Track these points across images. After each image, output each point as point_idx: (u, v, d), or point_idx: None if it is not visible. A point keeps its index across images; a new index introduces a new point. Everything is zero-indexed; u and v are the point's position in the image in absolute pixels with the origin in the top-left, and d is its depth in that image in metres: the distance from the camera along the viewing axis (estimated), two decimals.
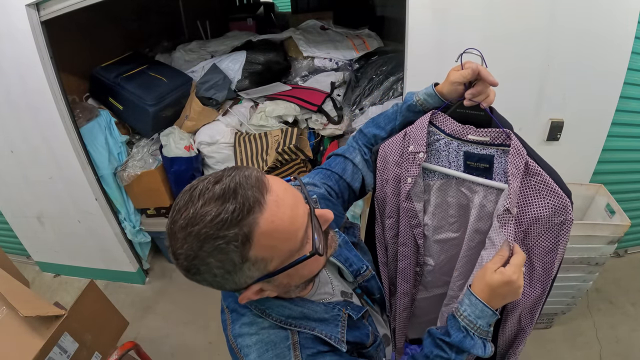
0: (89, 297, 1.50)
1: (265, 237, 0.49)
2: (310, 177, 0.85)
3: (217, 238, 0.48)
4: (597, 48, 1.48)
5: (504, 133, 0.74)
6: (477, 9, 1.45)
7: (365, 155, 0.90)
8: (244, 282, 0.54)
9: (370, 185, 0.92)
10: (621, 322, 1.93)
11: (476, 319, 0.65)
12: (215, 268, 0.50)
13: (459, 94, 0.78)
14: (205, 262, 0.49)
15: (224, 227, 0.47)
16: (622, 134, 1.73)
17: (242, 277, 0.52)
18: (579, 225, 1.51)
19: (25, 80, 1.71)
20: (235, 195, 0.48)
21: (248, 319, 0.62)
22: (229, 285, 0.54)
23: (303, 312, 0.62)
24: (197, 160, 2.13)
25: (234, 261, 0.50)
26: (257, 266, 0.52)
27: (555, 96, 1.59)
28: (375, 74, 2.16)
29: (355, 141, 0.92)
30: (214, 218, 0.47)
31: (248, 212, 0.48)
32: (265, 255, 0.51)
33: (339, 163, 0.88)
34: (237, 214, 0.47)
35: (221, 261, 0.49)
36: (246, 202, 0.48)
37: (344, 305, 0.67)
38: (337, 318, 0.64)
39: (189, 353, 1.98)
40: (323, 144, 2.25)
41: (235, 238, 0.48)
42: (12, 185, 2.11)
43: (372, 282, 0.78)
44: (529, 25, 1.46)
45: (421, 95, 0.84)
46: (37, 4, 1.57)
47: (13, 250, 2.58)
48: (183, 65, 2.42)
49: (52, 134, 1.84)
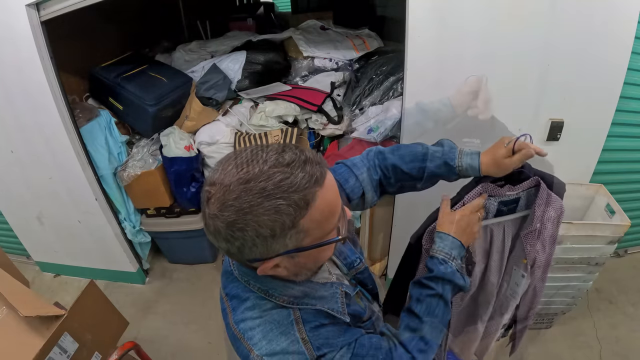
0: (89, 297, 1.49)
1: (318, 211, 0.53)
2: None
3: (281, 198, 0.50)
4: (597, 48, 1.48)
5: (534, 181, 0.88)
6: (477, 9, 1.45)
7: (375, 175, 0.88)
8: (274, 252, 0.55)
9: (370, 203, 0.91)
10: (621, 322, 1.93)
11: (450, 250, 0.77)
12: (264, 226, 0.51)
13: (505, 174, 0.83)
14: (257, 218, 0.50)
15: (290, 190, 0.50)
16: (622, 134, 1.73)
17: (278, 244, 0.54)
18: (579, 225, 1.51)
19: (25, 80, 1.71)
20: (304, 166, 0.52)
21: (250, 303, 0.64)
22: (258, 252, 0.55)
23: (304, 290, 0.65)
24: (197, 160, 2.13)
25: (285, 224, 0.52)
26: (298, 236, 0.54)
27: (555, 96, 1.59)
28: (375, 74, 2.16)
29: (369, 159, 0.90)
30: (283, 180, 0.50)
31: (314, 183, 0.52)
32: (309, 227, 0.54)
33: (343, 173, 0.87)
34: (306, 182, 0.51)
35: (273, 221, 0.51)
36: (314, 174, 0.52)
37: (339, 284, 0.70)
38: (335, 295, 0.68)
39: (189, 353, 1.98)
40: (323, 144, 2.25)
41: (297, 202, 0.51)
42: (12, 185, 2.11)
43: (365, 273, 0.81)
44: (529, 25, 1.46)
45: (464, 164, 0.83)
46: (37, 4, 1.57)
47: (13, 250, 2.58)
48: (183, 65, 2.42)
49: (52, 134, 1.84)
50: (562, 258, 1.58)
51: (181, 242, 2.36)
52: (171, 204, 2.26)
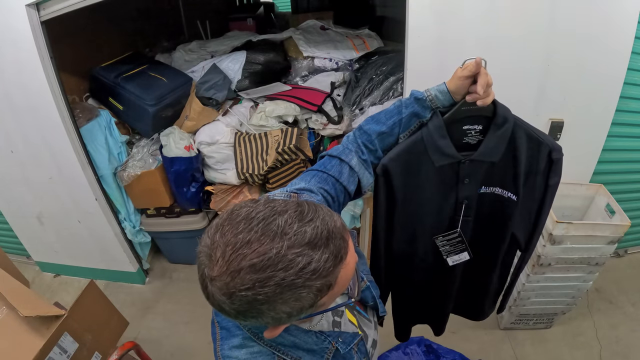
0: (89, 297, 1.50)
1: (339, 286, 0.49)
2: (305, 181, 0.80)
3: (302, 287, 0.44)
4: (597, 48, 1.48)
5: None
6: (477, 9, 1.45)
7: (363, 155, 0.87)
8: (286, 322, 0.52)
9: (366, 187, 0.89)
10: (621, 322, 1.93)
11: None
12: (282, 313, 0.46)
13: (465, 90, 0.81)
14: (275, 308, 0.45)
15: (313, 278, 0.44)
16: (622, 134, 1.73)
17: (292, 319, 0.50)
18: (579, 225, 1.51)
19: (25, 80, 1.71)
20: (328, 243, 0.45)
21: (238, 342, 0.61)
22: (271, 323, 0.51)
23: (294, 341, 0.62)
24: (197, 160, 2.13)
25: (304, 307, 0.47)
26: (314, 310, 0.50)
27: (555, 96, 1.59)
28: (375, 74, 2.16)
29: (353, 141, 0.88)
30: (305, 266, 0.43)
31: (338, 262, 0.46)
32: (327, 301, 0.50)
33: (334, 166, 0.84)
34: (330, 265, 0.45)
35: (292, 307, 0.46)
36: (338, 253, 0.46)
37: (335, 337, 0.67)
38: (325, 350, 0.65)
39: (189, 353, 1.98)
40: (323, 144, 2.25)
41: (320, 289, 0.46)
42: (12, 185, 2.11)
43: (366, 292, 0.77)
44: (528, 25, 1.46)
45: (433, 92, 0.84)
46: (37, 4, 1.57)
47: (13, 250, 2.58)
48: (183, 65, 2.42)
49: (52, 134, 1.84)
50: (562, 258, 1.58)
51: (181, 242, 2.36)
52: (171, 204, 2.26)
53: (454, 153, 0.87)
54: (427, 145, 0.86)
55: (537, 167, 0.90)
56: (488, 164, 0.89)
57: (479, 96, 0.78)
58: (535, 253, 1.62)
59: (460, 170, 0.90)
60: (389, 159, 0.88)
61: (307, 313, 0.51)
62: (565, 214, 1.76)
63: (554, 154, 0.88)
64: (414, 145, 0.87)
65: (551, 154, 0.88)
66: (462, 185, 0.92)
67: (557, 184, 0.91)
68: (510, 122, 0.85)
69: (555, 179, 0.90)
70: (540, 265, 1.61)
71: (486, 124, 0.86)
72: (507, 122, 0.85)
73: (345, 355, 0.68)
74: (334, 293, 0.50)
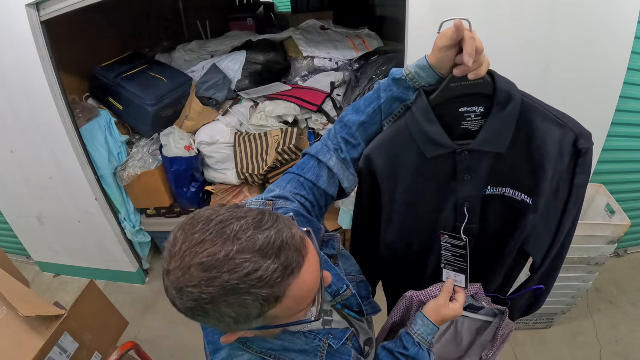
0: (89, 297, 1.50)
1: (291, 300, 0.48)
2: (280, 188, 0.75)
3: (247, 294, 0.44)
4: (597, 48, 1.48)
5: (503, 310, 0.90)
6: (477, 9, 1.45)
7: (342, 154, 0.78)
8: (239, 330, 0.52)
9: (350, 189, 0.82)
10: (621, 322, 1.93)
11: (427, 336, 0.78)
12: (227, 317, 0.47)
13: (450, 62, 0.67)
14: (219, 309, 0.45)
15: (259, 286, 0.44)
16: (622, 134, 1.73)
17: (244, 327, 0.50)
18: (579, 225, 1.50)
19: (25, 80, 1.71)
20: (279, 254, 0.45)
21: (225, 353, 0.61)
22: (224, 329, 0.52)
23: (284, 345, 0.62)
24: (197, 160, 2.13)
25: (250, 316, 0.47)
26: (265, 321, 0.50)
27: (555, 96, 1.58)
28: (375, 74, 2.16)
29: (334, 137, 0.79)
30: (251, 273, 0.43)
31: (288, 275, 0.46)
32: (279, 314, 0.49)
33: (312, 168, 0.77)
34: (278, 275, 0.45)
35: (237, 313, 0.46)
36: (289, 265, 0.45)
37: (325, 334, 0.67)
38: (317, 349, 0.64)
39: (189, 353, 1.98)
40: None
41: (266, 298, 0.45)
42: (12, 185, 2.11)
43: (351, 300, 0.76)
44: (528, 25, 1.46)
45: (412, 69, 0.71)
46: (37, 4, 1.57)
47: (13, 250, 2.58)
48: (183, 65, 2.42)
49: (52, 134, 1.84)
50: None
51: None
52: (171, 204, 2.26)
53: (447, 141, 0.70)
54: (414, 133, 0.71)
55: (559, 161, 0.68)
56: (493, 155, 0.70)
57: (467, 68, 0.63)
58: None
59: (458, 162, 0.72)
60: (371, 148, 0.76)
61: (258, 323, 0.50)
62: None
63: (581, 142, 0.67)
64: (398, 134, 0.72)
65: (577, 142, 0.67)
66: (462, 182, 0.75)
67: (586, 184, 0.71)
68: (517, 99, 0.67)
69: (583, 178, 0.70)
70: None
71: (489, 105, 0.68)
72: (513, 99, 0.66)
73: (340, 350, 0.67)
74: (288, 308, 0.49)
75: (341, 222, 2.16)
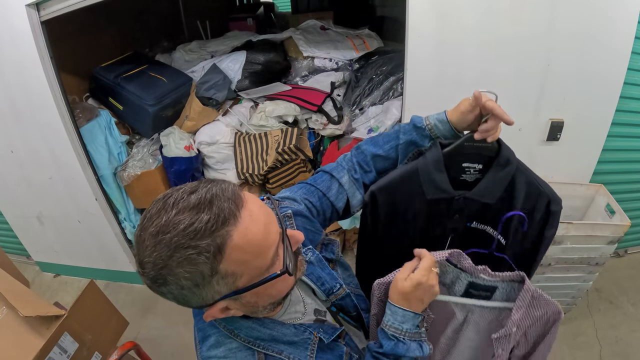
0: (89, 297, 1.50)
1: (237, 250, 0.49)
2: (292, 192, 0.82)
3: (189, 247, 0.46)
4: (597, 48, 1.48)
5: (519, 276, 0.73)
6: (477, 9, 1.45)
7: (355, 174, 0.86)
8: (211, 298, 0.52)
9: (355, 207, 0.88)
10: (621, 322, 1.93)
11: (400, 325, 0.68)
12: (183, 279, 0.48)
13: (467, 124, 0.78)
14: (173, 272, 0.48)
15: (197, 237, 0.46)
16: (622, 134, 1.73)
17: (209, 291, 0.51)
18: (579, 225, 1.51)
19: (25, 80, 1.71)
20: (211, 206, 0.48)
21: (214, 340, 0.61)
22: (195, 300, 0.52)
23: (272, 334, 0.62)
24: (197, 160, 2.13)
25: (204, 273, 0.48)
26: (226, 281, 0.51)
27: (555, 96, 1.59)
28: (375, 74, 2.16)
29: (349, 159, 0.87)
30: (187, 227, 0.46)
31: (222, 223, 0.47)
32: (235, 269, 0.50)
33: (324, 180, 0.84)
34: (212, 224, 0.47)
35: (190, 272, 0.48)
36: (221, 213, 0.48)
37: (316, 327, 0.66)
38: (307, 341, 0.64)
39: (189, 353, 1.96)
40: (323, 144, 2.25)
41: (207, 249, 0.47)
42: (12, 185, 2.11)
43: (346, 300, 0.76)
44: (529, 26, 1.46)
45: (432, 120, 0.81)
46: (37, 4, 1.57)
47: (13, 250, 2.58)
48: (183, 65, 2.42)
49: (52, 134, 1.84)
50: (562, 258, 1.58)
51: None
52: None
53: (450, 189, 0.82)
54: (422, 177, 0.82)
55: (533, 216, 0.84)
56: (483, 203, 0.84)
57: (487, 134, 0.74)
58: None
59: (453, 205, 0.85)
60: (378, 187, 0.85)
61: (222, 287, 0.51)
62: (565, 214, 1.75)
63: (552, 205, 0.82)
64: (407, 176, 0.83)
65: (550, 205, 0.82)
66: (452, 219, 0.88)
67: (553, 236, 0.86)
68: (513, 165, 0.80)
69: (552, 231, 0.85)
70: (540, 265, 1.61)
71: (487, 163, 0.81)
72: (510, 164, 0.80)
73: (330, 346, 0.66)
74: (240, 260, 0.50)
75: (341, 222, 2.16)
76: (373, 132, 1.97)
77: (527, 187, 0.81)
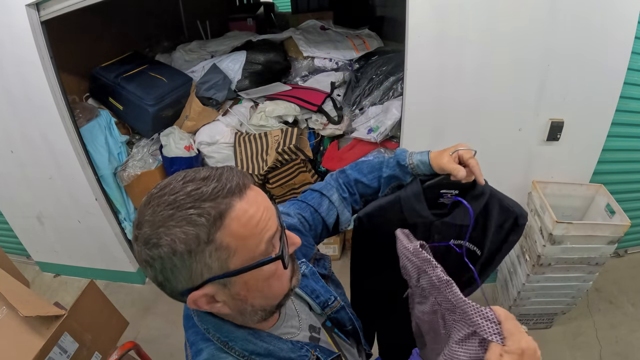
0: (89, 297, 1.50)
1: (237, 223, 0.49)
2: (284, 207, 0.84)
3: (191, 208, 0.47)
4: (597, 48, 1.48)
5: None
6: (478, 8, 1.45)
7: (344, 193, 0.90)
8: (199, 276, 0.50)
9: (344, 224, 0.91)
10: (621, 322, 1.93)
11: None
12: (178, 241, 0.47)
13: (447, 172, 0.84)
14: (170, 231, 0.47)
15: (200, 199, 0.48)
16: (622, 134, 1.73)
17: (200, 264, 0.49)
18: (579, 225, 1.51)
19: (25, 80, 1.71)
20: (220, 178, 0.50)
21: (207, 355, 0.59)
22: (182, 276, 0.50)
23: (269, 348, 0.60)
24: (197, 160, 2.13)
25: (200, 238, 0.47)
26: (219, 255, 0.49)
27: (555, 96, 1.59)
28: (375, 74, 2.16)
29: (335, 179, 0.92)
30: (193, 190, 0.48)
31: (228, 193, 0.49)
32: (230, 243, 0.49)
33: (315, 197, 0.88)
34: (217, 191, 0.48)
35: (186, 234, 0.47)
36: (228, 183, 0.49)
37: (312, 346, 0.65)
38: (304, 359, 0.63)
39: None
40: (323, 144, 2.25)
41: (208, 212, 0.47)
42: (12, 185, 2.11)
43: (341, 313, 0.75)
44: (529, 25, 1.46)
45: (415, 160, 0.86)
46: (37, 4, 1.57)
47: (13, 250, 2.59)
48: (183, 65, 2.42)
49: (52, 134, 1.84)
50: (562, 258, 1.58)
51: None
52: None
53: (428, 215, 0.90)
54: (404, 206, 0.89)
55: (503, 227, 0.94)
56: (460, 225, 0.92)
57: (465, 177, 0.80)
58: (535, 253, 1.62)
59: (433, 228, 0.92)
60: (364, 213, 0.92)
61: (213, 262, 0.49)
62: (565, 214, 1.76)
63: (520, 219, 0.92)
64: (390, 205, 0.90)
65: (517, 219, 0.92)
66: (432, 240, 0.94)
67: (515, 242, 0.96)
68: (487, 194, 0.88)
69: (515, 237, 0.94)
70: (540, 265, 1.61)
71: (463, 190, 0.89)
72: (484, 194, 0.88)
73: None
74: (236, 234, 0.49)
75: None
76: (373, 132, 1.97)
77: (499, 209, 0.91)
